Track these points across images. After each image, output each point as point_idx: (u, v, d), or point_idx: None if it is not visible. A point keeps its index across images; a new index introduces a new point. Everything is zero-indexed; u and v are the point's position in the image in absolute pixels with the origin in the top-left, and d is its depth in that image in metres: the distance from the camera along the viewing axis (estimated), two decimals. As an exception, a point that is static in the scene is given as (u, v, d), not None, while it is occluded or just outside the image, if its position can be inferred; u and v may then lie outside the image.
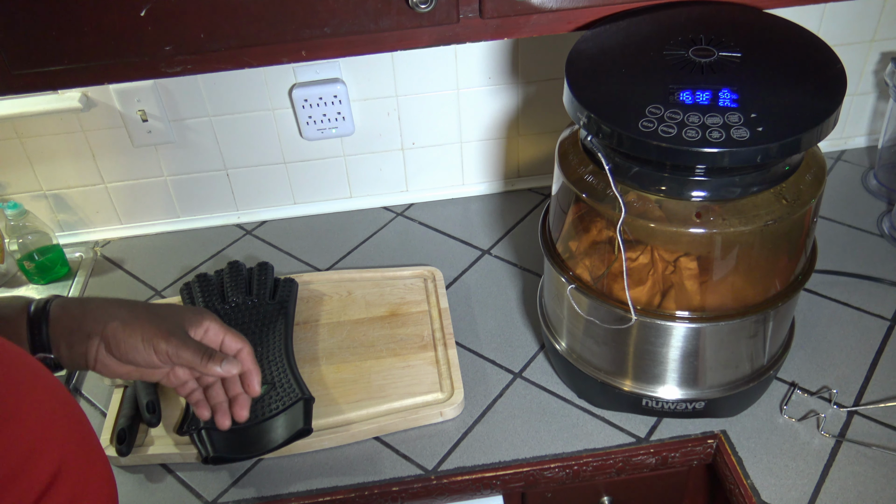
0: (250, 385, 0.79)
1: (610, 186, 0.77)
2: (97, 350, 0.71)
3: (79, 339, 0.71)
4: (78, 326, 0.71)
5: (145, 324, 0.72)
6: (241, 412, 0.78)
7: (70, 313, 0.71)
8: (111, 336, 0.71)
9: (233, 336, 0.78)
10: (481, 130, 1.27)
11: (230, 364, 0.76)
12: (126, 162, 1.23)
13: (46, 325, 0.70)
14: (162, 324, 0.73)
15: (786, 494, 0.85)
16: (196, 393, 0.80)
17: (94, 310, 0.72)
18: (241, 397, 0.79)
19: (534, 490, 0.96)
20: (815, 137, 0.72)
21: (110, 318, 0.71)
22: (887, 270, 1.11)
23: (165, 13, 0.79)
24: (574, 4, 0.85)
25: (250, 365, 0.79)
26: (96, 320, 0.71)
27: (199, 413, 0.79)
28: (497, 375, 1.02)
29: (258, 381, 0.78)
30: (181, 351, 0.73)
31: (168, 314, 0.75)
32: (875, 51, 1.25)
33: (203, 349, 0.75)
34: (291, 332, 1.06)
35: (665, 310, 0.84)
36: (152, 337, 0.72)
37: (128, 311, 0.73)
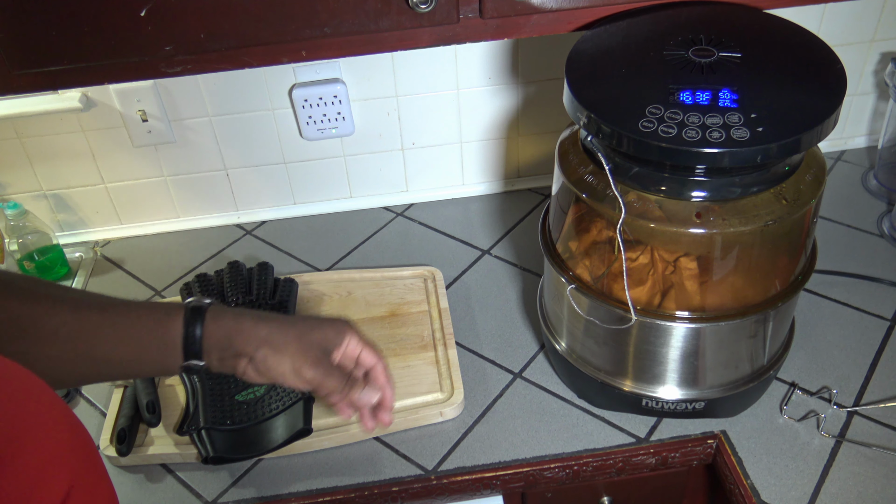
0: (387, 401, 0.81)
1: (610, 186, 0.77)
2: (245, 368, 0.74)
3: (230, 356, 0.73)
4: (229, 344, 0.72)
5: (294, 352, 0.74)
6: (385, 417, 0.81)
7: (223, 328, 0.72)
8: (261, 361, 0.73)
9: (369, 351, 0.80)
10: (481, 130, 1.27)
11: (368, 394, 0.78)
12: (126, 162, 1.23)
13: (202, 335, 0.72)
14: (309, 351, 0.75)
15: (786, 494, 0.85)
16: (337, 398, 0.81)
17: (247, 330, 0.73)
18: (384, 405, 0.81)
19: (534, 490, 0.97)
20: (815, 137, 0.72)
21: (261, 343, 0.73)
22: (887, 270, 1.11)
23: (165, 13, 0.79)
24: (574, 4, 0.85)
25: (384, 382, 0.80)
26: (247, 342, 0.73)
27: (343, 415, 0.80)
28: (497, 375, 1.02)
29: (393, 396, 0.81)
30: (326, 380, 0.75)
31: (314, 339, 0.76)
32: (875, 51, 1.25)
33: (344, 378, 0.77)
34: (291, 332, 1.06)
35: (665, 310, 0.84)
36: (301, 366, 0.74)
37: (278, 334, 0.74)
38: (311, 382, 0.75)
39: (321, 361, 0.75)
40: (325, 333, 0.77)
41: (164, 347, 0.71)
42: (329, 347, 0.77)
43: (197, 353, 0.71)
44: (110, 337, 0.69)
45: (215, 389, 0.98)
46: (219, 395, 0.97)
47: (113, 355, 0.69)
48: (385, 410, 0.80)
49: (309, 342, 0.75)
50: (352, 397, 0.77)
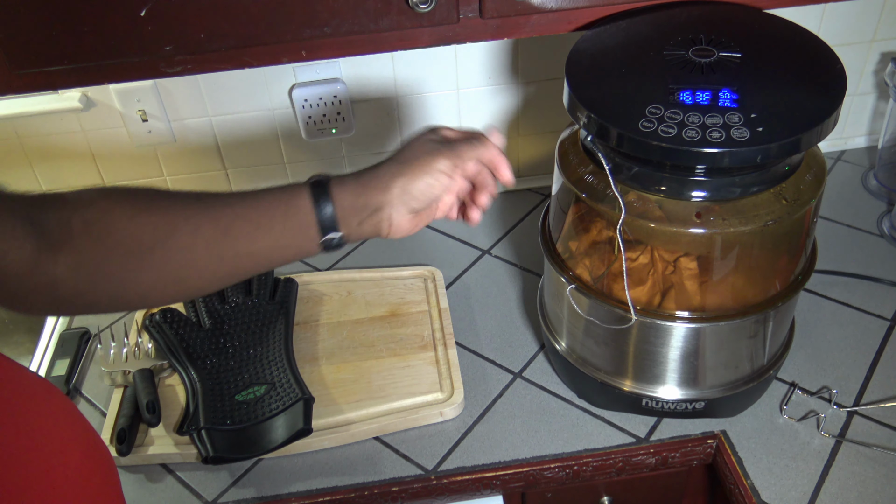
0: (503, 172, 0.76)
1: (610, 186, 0.77)
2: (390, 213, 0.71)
3: (369, 213, 0.71)
4: (365, 201, 0.71)
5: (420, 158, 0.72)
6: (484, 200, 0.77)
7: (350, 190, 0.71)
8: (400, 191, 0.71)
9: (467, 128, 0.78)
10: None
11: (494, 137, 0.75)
12: (126, 162, 1.23)
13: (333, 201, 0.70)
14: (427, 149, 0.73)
15: (786, 494, 0.85)
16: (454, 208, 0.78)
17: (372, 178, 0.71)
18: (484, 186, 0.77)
19: (534, 490, 0.97)
20: (815, 137, 0.72)
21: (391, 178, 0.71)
22: (887, 270, 1.11)
23: (165, 13, 0.79)
24: (574, 4, 0.85)
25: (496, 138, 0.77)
26: (378, 190, 0.71)
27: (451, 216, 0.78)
28: (497, 375, 1.02)
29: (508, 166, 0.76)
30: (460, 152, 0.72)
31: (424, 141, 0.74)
32: (875, 51, 1.25)
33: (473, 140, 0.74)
34: (291, 332, 1.06)
35: (665, 310, 0.84)
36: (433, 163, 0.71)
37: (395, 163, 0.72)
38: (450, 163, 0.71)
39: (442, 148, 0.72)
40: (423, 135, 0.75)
41: (300, 227, 0.69)
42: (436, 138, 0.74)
43: (333, 224, 0.70)
44: (246, 230, 0.68)
45: (215, 389, 0.98)
46: (219, 395, 0.97)
47: (253, 246, 0.69)
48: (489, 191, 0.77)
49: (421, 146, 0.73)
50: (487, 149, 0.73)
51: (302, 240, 0.70)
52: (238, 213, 0.69)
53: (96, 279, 0.65)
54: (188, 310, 1.09)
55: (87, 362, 1.09)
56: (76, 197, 0.67)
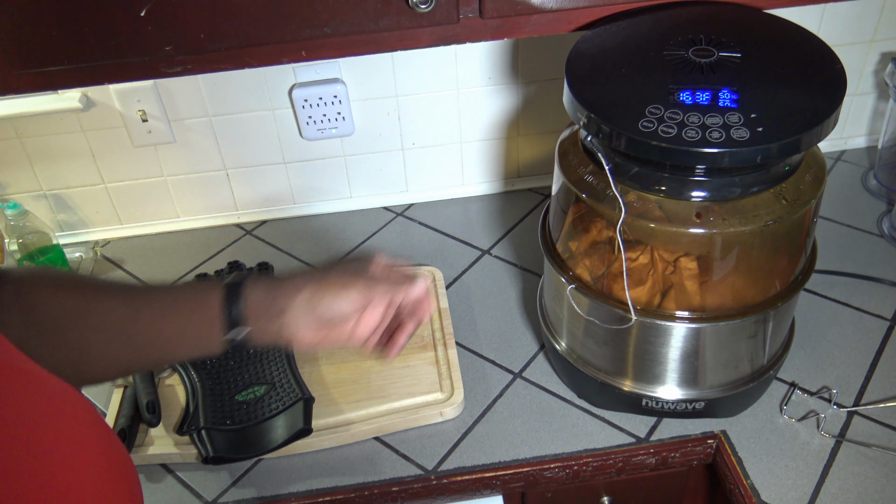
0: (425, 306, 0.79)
1: (610, 186, 0.77)
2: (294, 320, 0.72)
3: (274, 314, 0.72)
4: (272, 302, 0.72)
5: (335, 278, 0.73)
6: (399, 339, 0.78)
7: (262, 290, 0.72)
8: (305, 301, 0.72)
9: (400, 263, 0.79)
10: (481, 130, 1.27)
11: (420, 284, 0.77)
12: (126, 162, 1.23)
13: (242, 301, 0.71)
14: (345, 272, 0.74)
15: (786, 494, 0.85)
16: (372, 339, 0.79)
17: (285, 284, 0.73)
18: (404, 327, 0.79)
19: (534, 490, 0.97)
20: (815, 137, 0.72)
21: (301, 286, 0.72)
22: (887, 270, 1.11)
23: (165, 13, 0.79)
24: (574, 4, 0.85)
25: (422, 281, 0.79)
26: (289, 294, 0.72)
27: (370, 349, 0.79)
28: (497, 375, 1.02)
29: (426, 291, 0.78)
30: (374, 287, 0.74)
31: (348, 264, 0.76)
32: (875, 51, 1.25)
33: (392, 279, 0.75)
34: (291, 332, 1.06)
35: (665, 310, 0.84)
36: (345, 287, 0.73)
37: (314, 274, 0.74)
38: (362, 293, 0.73)
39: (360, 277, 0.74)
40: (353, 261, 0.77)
41: (206, 321, 0.71)
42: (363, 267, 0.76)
43: (238, 320, 0.70)
44: (155, 318, 0.70)
45: (215, 389, 0.98)
46: (219, 395, 0.97)
47: (159, 335, 0.71)
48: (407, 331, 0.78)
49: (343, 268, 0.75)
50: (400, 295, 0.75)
51: (207, 331, 0.71)
52: (150, 298, 0.72)
53: None
54: (188, 310, 1.09)
55: (87, 362, 1.09)
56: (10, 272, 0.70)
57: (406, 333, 0.78)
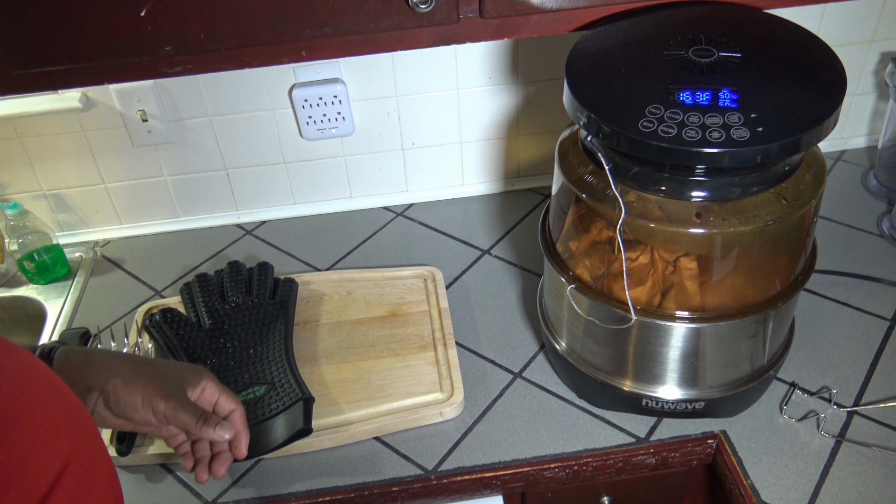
0: (238, 447, 0.80)
1: (610, 186, 0.77)
2: (95, 403, 0.72)
3: (79, 392, 0.72)
4: (80, 378, 0.72)
5: (146, 383, 0.73)
6: (219, 469, 0.79)
7: (73, 364, 0.72)
8: (111, 392, 0.72)
9: (227, 397, 0.80)
10: (481, 130, 1.27)
11: (223, 429, 0.77)
12: (126, 162, 1.23)
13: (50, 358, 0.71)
14: (162, 384, 0.74)
15: (786, 494, 0.85)
16: (184, 445, 0.81)
17: (97, 363, 0.73)
18: (224, 455, 0.80)
19: (534, 490, 0.96)
20: (815, 137, 0.72)
21: (112, 374, 0.72)
22: (887, 270, 1.11)
23: (165, 13, 0.79)
24: (574, 4, 0.85)
25: (240, 427, 0.80)
26: (98, 374, 0.72)
27: (184, 465, 0.80)
28: (497, 375, 1.02)
29: (245, 444, 0.80)
30: (178, 413, 0.74)
31: (168, 373, 0.76)
32: (875, 51, 1.25)
33: (199, 412, 0.76)
34: (291, 332, 1.06)
35: (665, 310, 0.84)
36: (151, 397, 0.73)
37: (130, 368, 0.74)
38: (164, 416, 0.74)
39: (173, 394, 0.74)
40: (180, 371, 0.77)
41: None
42: (183, 385, 0.76)
43: None
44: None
45: (215, 389, 0.98)
46: (219, 395, 0.97)
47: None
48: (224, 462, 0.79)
49: (163, 376, 0.75)
50: (205, 433, 0.76)
51: None
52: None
53: None
54: (188, 310, 1.09)
55: (87, 362, 1.09)
56: None
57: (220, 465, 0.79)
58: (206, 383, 0.78)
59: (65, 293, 1.21)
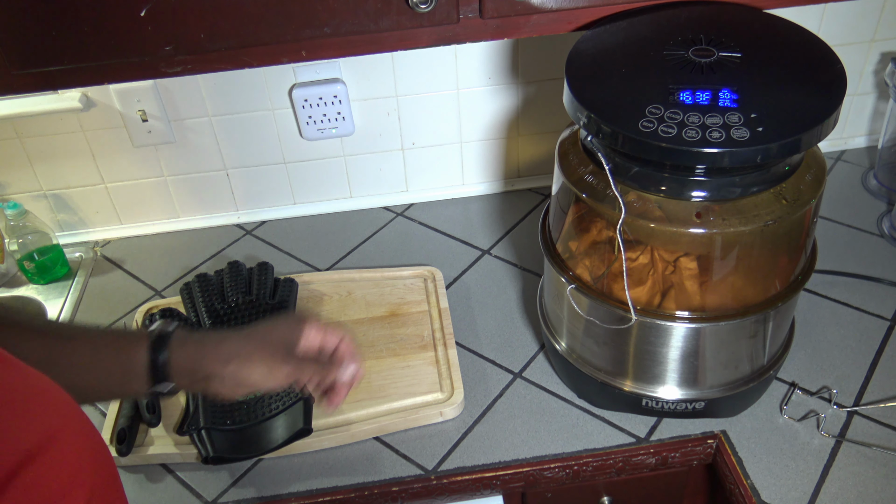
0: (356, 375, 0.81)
1: (610, 186, 0.77)
2: (220, 385, 0.75)
3: (200, 377, 0.74)
4: (198, 367, 0.74)
5: (262, 357, 0.75)
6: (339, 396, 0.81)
7: (189, 354, 0.74)
8: (231, 375, 0.74)
9: (331, 332, 0.81)
10: (481, 130, 1.27)
11: (345, 371, 0.79)
12: (126, 162, 1.23)
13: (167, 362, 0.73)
14: (276, 352, 0.76)
15: (786, 494, 0.85)
16: None
17: (211, 352, 0.75)
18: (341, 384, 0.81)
19: (534, 490, 0.96)
20: (815, 137, 0.72)
21: (229, 359, 0.74)
22: (887, 270, 1.11)
23: (165, 13, 0.79)
24: (574, 4, 0.85)
25: (351, 353, 0.81)
26: (215, 362, 0.74)
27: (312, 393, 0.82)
28: (497, 375, 1.02)
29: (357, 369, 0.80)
30: (300, 372, 0.77)
31: (277, 338, 0.78)
32: (875, 51, 1.25)
33: (318, 365, 0.78)
34: (291, 332, 1.06)
35: (665, 310, 0.84)
36: (271, 369, 0.75)
37: (242, 346, 0.76)
38: (290, 376, 0.76)
39: (289, 357, 0.76)
40: (283, 331, 0.78)
41: (128, 374, 0.72)
42: (292, 342, 0.78)
43: (164, 378, 0.73)
44: (75, 364, 0.71)
45: (215, 389, 0.98)
46: (219, 395, 0.97)
47: (81, 381, 0.71)
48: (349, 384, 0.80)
49: (272, 344, 0.77)
50: (330, 376, 0.78)
51: (129, 384, 0.73)
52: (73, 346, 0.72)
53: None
54: (188, 310, 1.09)
55: (87, 362, 1.09)
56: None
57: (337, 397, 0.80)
58: (308, 330, 0.79)
59: (65, 293, 1.21)
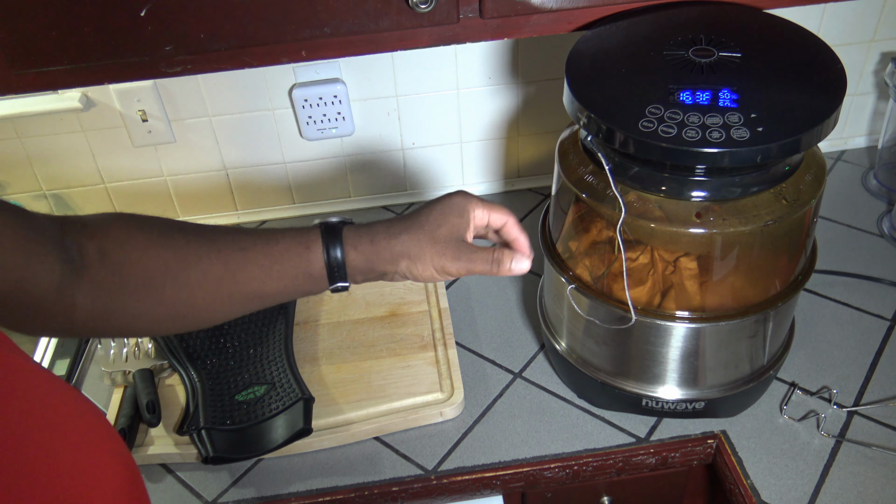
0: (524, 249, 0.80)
1: (610, 186, 0.77)
2: (392, 278, 0.77)
3: (374, 276, 0.76)
4: (371, 267, 0.75)
5: (432, 254, 0.75)
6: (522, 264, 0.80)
7: (362, 253, 0.75)
8: (405, 272, 0.76)
9: (496, 212, 0.80)
10: (481, 130, 1.27)
11: (519, 263, 0.78)
12: (126, 162, 1.23)
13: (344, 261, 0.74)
14: (446, 248, 0.76)
15: (786, 494, 0.85)
16: None
17: (383, 250, 0.75)
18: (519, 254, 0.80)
19: (534, 490, 0.96)
20: (815, 137, 0.72)
21: (399, 258, 0.75)
22: (887, 270, 1.11)
23: (165, 13, 0.79)
24: (574, 4, 0.85)
25: (518, 234, 0.80)
26: (388, 261, 0.75)
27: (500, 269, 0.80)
28: (497, 375, 1.02)
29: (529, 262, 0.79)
30: (472, 266, 0.76)
31: (446, 233, 0.77)
32: (875, 51, 1.25)
33: (489, 257, 0.77)
34: (291, 332, 1.06)
35: (665, 310, 0.84)
36: (443, 265, 0.75)
37: (412, 244, 0.75)
38: (459, 273, 0.76)
39: (460, 253, 0.76)
40: (451, 222, 0.77)
41: (309, 277, 0.74)
42: (461, 234, 0.77)
43: (342, 277, 0.74)
44: (257, 275, 0.72)
45: (215, 389, 0.98)
46: (219, 395, 0.97)
47: (263, 290, 0.73)
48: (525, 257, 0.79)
49: (442, 240, 0.76)
50: (504, 272, 0.78)
51: (311, 287, 0.75)
52: (249, 258, 0.72)
53: (110, 308, 0.68)
54: (188, 310, 1.09)
55: (87, 362, 1.09)
56: (94, 223, 0.70)
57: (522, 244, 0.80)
58: (474, 212, 0.78)
59: (65, 293, 1.21)
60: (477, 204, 0.79)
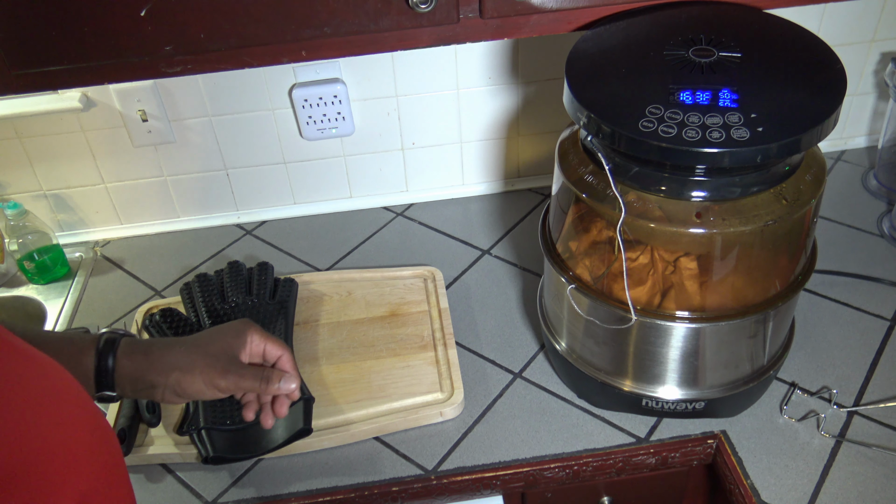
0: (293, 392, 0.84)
1: (610, 186, 0.77)
2: (162, 395, 0.78)
3: (143, 387, 0.78)
4: (142, 376, 0.77)
5: (203, 368, 0.78)
6: (282, 409, 0.84)
7: (135, 363, 0.77)
8: (174, 385, 0.77)
9: (272, 343, 0.84)
10: (481, 130, 1.27)
11: (287, 382, 0.82)
12: (126, 162, 1.23)
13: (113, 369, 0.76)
14: (217, 363, 0.79)
15: (786, 494, 0.85)
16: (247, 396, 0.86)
17: (156, 361, 0.78)
18: (282, 398, 0.84)
19: (534, 490, 0.97)
20: (815, 137, 0.72)
21: (171, 369, 0.77)
22: (887, 270, 1.11)
23: (165, 13, 0.79)
24: (574, 4, 0.85)
25: (290, 368, 0.84)
26: (159, 372, 0.77)
27: (245, 416, 0.84)
28: (497, 375, 1.02)
29: (298, 385, 0.83)
30: (240, 383, 0.80)
31: (219, 349, 0.80)
32: (875, 51, 1.25)
33: (258, 375, 0.80)
34: (291, 332, 1.06)
35: (665, 310, 0.84)
36: (212, 379, 0.78)
37: (184, 357, 0.78)
38: (228, 390, 0.79)
39: (230, 368, 0.79)
40: (226, 341, 0.81)
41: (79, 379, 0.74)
42: (234, 353, 0.81)
43: (109, 385, 0.76)
44: None
45: (215, 389, 0.98)
46: (219, 395, 0.97)
47: None
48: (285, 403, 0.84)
49: (214, 354, 0.79)
50: (270, 389, 0.81)
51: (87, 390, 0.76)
52: None
53: None
54: (188, 310, 1.09)
55: (87, 362, 1.09)
56: None
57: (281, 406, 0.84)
58: (251, 337, 0.82)
59: (65, 293, 1.21)
60: (256, 331, 0.83)
